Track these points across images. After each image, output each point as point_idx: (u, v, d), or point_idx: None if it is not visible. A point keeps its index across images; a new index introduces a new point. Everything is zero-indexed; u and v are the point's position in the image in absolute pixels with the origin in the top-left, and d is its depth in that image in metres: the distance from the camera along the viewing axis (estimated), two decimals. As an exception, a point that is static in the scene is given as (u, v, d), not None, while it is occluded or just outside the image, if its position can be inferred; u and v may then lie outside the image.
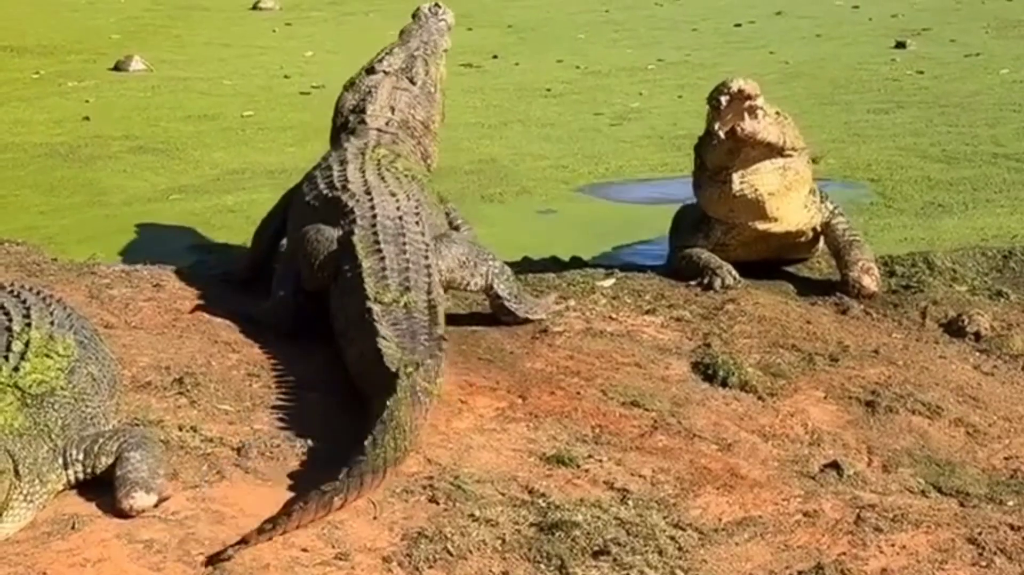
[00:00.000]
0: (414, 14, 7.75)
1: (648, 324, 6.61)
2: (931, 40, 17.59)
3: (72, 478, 4.51)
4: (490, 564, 4.25)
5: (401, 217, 6.26)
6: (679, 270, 7.38)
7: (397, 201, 6.38)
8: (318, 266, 6.21)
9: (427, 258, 6.06)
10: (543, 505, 4.62)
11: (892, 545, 4.50)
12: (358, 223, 6.20)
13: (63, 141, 11.82)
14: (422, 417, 4.99)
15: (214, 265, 7.74)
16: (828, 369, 6.15)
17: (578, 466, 4.96)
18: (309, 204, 6.67)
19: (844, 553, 4.45)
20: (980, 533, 4.57)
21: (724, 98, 6.92)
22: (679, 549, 4.40)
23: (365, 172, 6.63)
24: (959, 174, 10.35)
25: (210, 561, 4.13)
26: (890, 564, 4.39)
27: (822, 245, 7.59)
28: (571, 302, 6.80)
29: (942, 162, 10.78)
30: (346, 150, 6.96)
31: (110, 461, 4.50)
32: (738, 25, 19.47)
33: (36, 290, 5.29)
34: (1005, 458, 5.47)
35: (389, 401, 4.84)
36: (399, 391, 4.91)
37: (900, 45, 16.94)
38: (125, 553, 4.16)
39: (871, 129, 12.19)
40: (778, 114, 7.17)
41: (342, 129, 7.32)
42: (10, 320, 4.87)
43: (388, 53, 7.54)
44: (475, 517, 4.48)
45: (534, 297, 6.66)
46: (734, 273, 7.16)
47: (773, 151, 7.11)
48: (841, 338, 6.55)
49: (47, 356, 4.75)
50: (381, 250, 6.02)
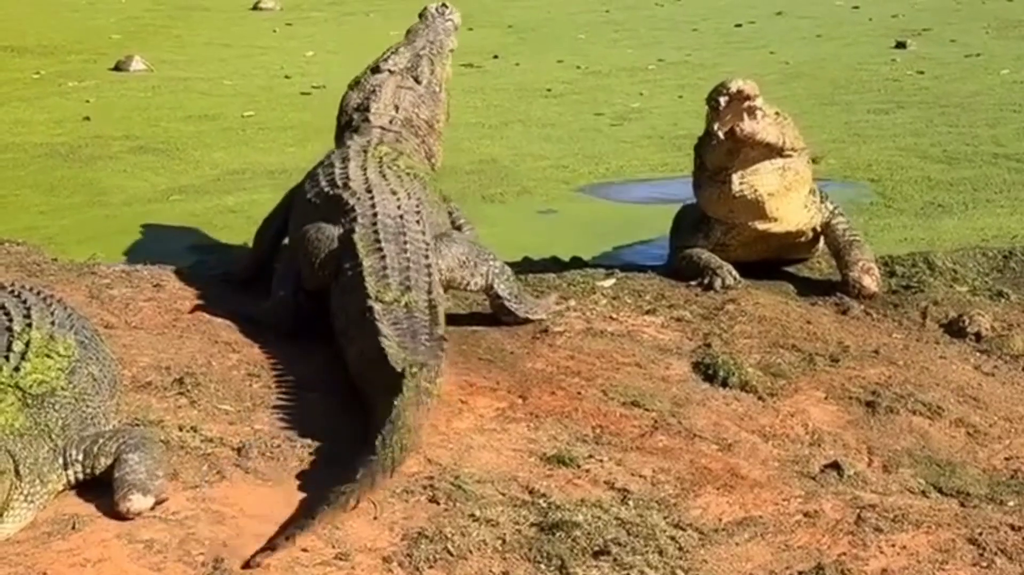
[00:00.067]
0: (421, 14, 7.75)
1: (648, 324, 6.60)
2: (931, 40, 17.58)
3: (72, 478, 4.51)
4: (490, 564, 4.25)
5: (402, 216, 6.24)
6: (679, 270, 7.38)
7: (398, 199, 6.36)
8: (319, 264, 6.20)
9: (427, 257, 6.05)
10: (543, 505, 4.62)
11: (892, 545, 4.50)
12: (359, 221, 6.19)
13: (63, 141, 11.81)
14: (424, 418, 4.99)
15: (214, 265, 7.73)
16: (828, 369, 6.15)
17: (578, 466, 4.96)
18: (310, 202, 6.66)
19: (844, 553, 4.44)
20: (981, 533, 4.57)
21: (723, 99, 6.92)
22: (679, 549, 4.40)
23: (366, 170, 6.62)
24: (959, 174, 10.34)
25: (246, 565, 4.14)
26: (890, 564, 4.39)
27: (822, 245, 7.59)
28: (571, 302, 6.79)
29: (942, 162, 10.77)
30: (348, 148, 6.95)
31: (109, 462, 4.49)
32: (738, 25, 19.47)
33: (37, 290, 5.28)
34: (1006, 458, 5.47)
35: (397, 401, 4.84)
36: (406, 391, 4.90)
37: (900, 45, 16.93)
38: (125, 553, 4.16)
39: (871, 129, 12.19)
40: (777, 114, 7.17)
41: (346, 127, 7.31)
42: (11, 320, 4.87)
43: (394, 52, 7.54)
44: (475, 517, 4.47)
45: (534, 297, 6.65)
46: (734, 273, 7.16)
47: (772, 151, 7.11)
48: (841, 338, 6.54)
49: (48, 356, 4.75)
50: (382, 248, 6.00)
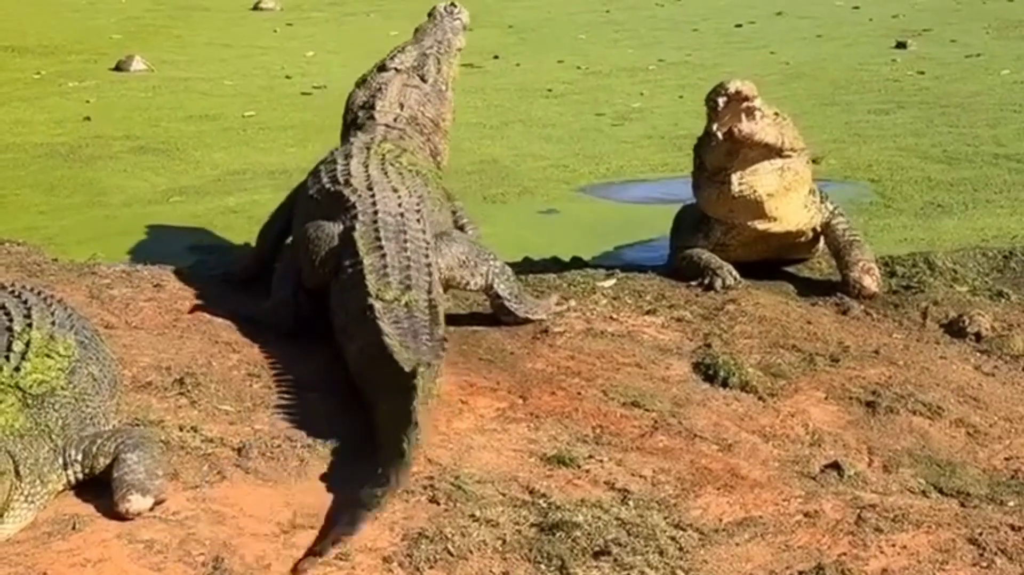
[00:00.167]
0: (430, 13, 7.75)
1: (649, 324, 6.60)
2: (932, 41, 17.58)
3: (71, 478, 4.51)
4: (490, 564, 4.25)
5: (403, 214, 6.24)
6: (680, 270, 7.38)
7: (399, 197, 6.36)
8: (319, 262, 6.19)
9: (428, 256, 6.05)
10: (544, 505, 4.62)
11: (893, 545, 4.50)
12: (359, 219, 6.18)
13: (64, 141, 11.82)
14: (428, 418, 4.99)
15: (214, 265, 7.73)
16: (829, 369, 6.15)
17: (579, 466, 4.96)
18: (312, 198, 6.66)
19: (845, 553, 4.44)
20: (981, 533, 4.56)
21: (722, 99, 6.92)
22: (680, 549, 4.40)
23: (368, 167, 6.62)
24: (960, 174, 10.34)
25: (294, 570, 4.15)
26: (891, 564, 4.39)
27: (822, 245, 7.59)
28: (572, 302, 6.79)
29: (943, 163, 10.77)
30: (352, 144, 6.96)
31: (108, 462, 4.49)
32: (739, 26, 19.47)
33: (37, 290, 5.28)
34: (1006, 458, 5.47)
35: (414, 402, 4.80)
36: (420, 392, 4.88)
37: (901, 46, 16.93)
38: (125, 553, 4.16)
39: (872, 129, 12.18)
40: (777, 115, 7.17)
41: (351, 125, 7.31)
42: (11, 320, 4.87)
43: (401, 51, 7.55)
44: (476, 517, 4.47)
45: (535, 297, 6.65)
46: (734, 273, 7.16)
47: (772, 152, 7.11)
48: (842, 338, 6.54)
49: (48, 356, 4.75)
50: (382, 247, 6.00)
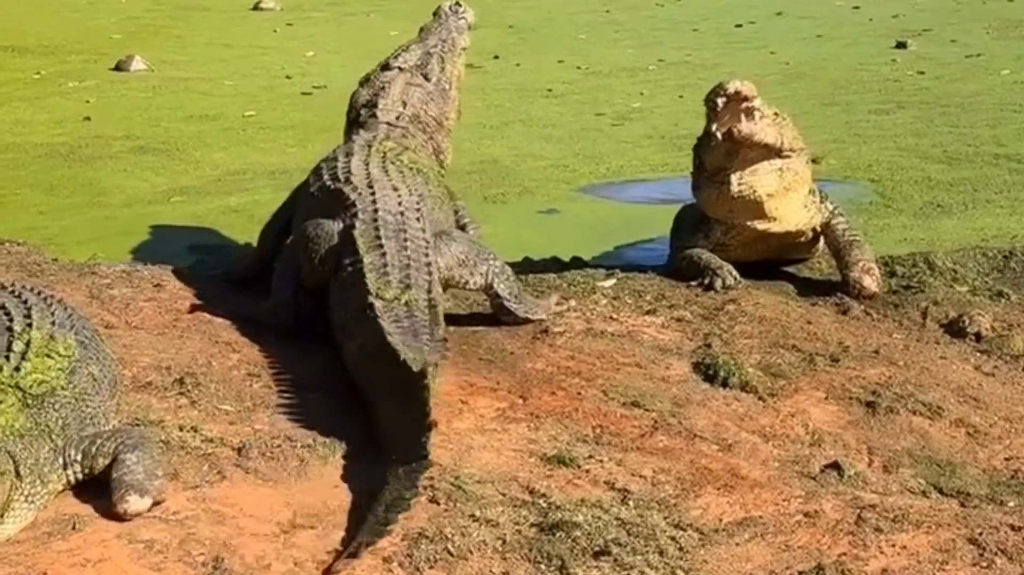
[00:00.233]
0: (435, 12, 7.76)
1: (649, 324, 6.60)
2: (932, 41, 17.58)
3: (71, 478, 4.50)
4: (490, 564, 4.25)
5: (403, 212, 6.23)
6: (680, 270, 7.38)
7: (399, 195, 6.36)
8: (319, 260, 6.19)
9: (427, 255, 6.05)
10: (544, 505, 4.61)
11: (893, 545, 4.50)
12: (359, 217, 6.18)
13: (64, 141, 11.82)
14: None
15: (214, 265, 7.73)
16: (829, 369, 6.15)
17: (579, 466, 4.96)
18: (313, 196, 6.67)
19: (845, 553, 4.44)
20: (981, 534, 4.56)
21: (721, 100, 6.91)
22: (680, 549, 4.40)
23: (369, 164, 6.62)
24: (960, 174, 10.34)
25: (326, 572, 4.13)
26: (891, 564, 4.39)
27: (822, 245, 7.59)
28: (572, 302, 6.79)
29: (943, 163, 10.77)
30: (353, 142, 6.97)
31: (107, 462, 4.49)
32: (739, 26, 19.47)
33: (37, 290, 5.28)
34: (1006, 459, 5.47)
35: (430, 402, 4.78)
36: (431, 392, 4.85)
37: (901, 46, 16.93)
38: (126, 553, 4.16)
39: (872, 129, 12.18)
40: (776, 115, 7.16)
41: (354, 124, 7.32)
42: (11, 320, 4.87)
43: (405, 50, 7.55)
44: (476, 517, 4.47)
45: (535, 297, 6.65)
46: (735, 273, 7.16)
47: (771, 152, 7.11)
48: (842, 338, 6.54)
49: (48, 356, 4.75)
50: (382, 245, 5.99)
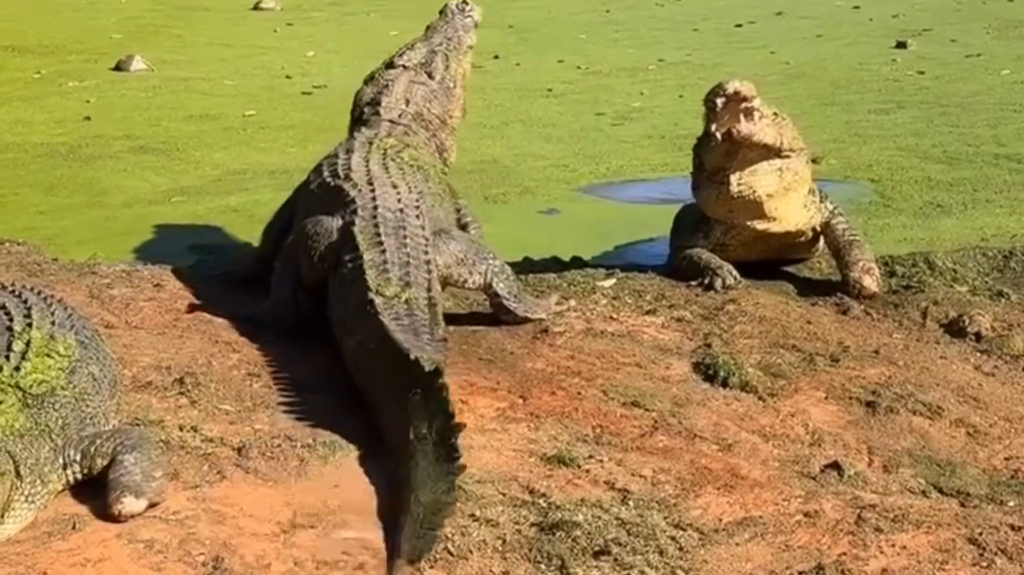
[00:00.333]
0: (442, 10, 7.76)
1: (649, 324, 6.60)
2: (932, 40, 17.58)
3: (71, 478, 4.50)
4: (491, 564, 4.25)
5: (402, 209, 6.23)
6: (680, 270, 7.38)
7: (398, 193, 6.36)
8: (318, 257, 6.18)
9: (427, 253, 6.05)
10: (544, 505, 4.61)
11: (893, 545, 4.50)
12: (359, 214, 6.18)
13: (64, 141, 11.82)
14: None
15: (215, 265, 7.73)
16: (829, 369, 6.15)
17: (579, 466, 4.96)
18: (313, 192, 6.68)
19: (845, 553, 4.44)
20: (981, 533, 4.56)
21: (720, 100, 6.91)
22: (680, 549, 4.40)
23: (369, 161, 6.62)
24: (960, 174, 10.34)
25: None
26: (891, 564, 4.39)
27: (822, 245, 7.59)
28: (572, 302, 6.79)
29: (943, 162, 10.77)
30: (355, 139, 6.98)
31: (106, 462, 4.48)
32: (739, 25, 19.47)
33: (37, 290, 5.28)
34: (1006, 458, 5.47)
35: (450, 401, 4.75)
36: (447, 390, 4.83)
37: (901, 45, 16.93)
38: (125, 553, 4.16)
39: (872, 129, 12.18)
40: (776, 115, 7.16)
41: (357, 122, 7.33)
42: (11, 320, 4.87)
43: (409, 48, 7.56)
44: (476, 517, 4.47)
45: (535, 297, 6.65)
46: (735, 273, 7.16)
47: (771, 152, 7.10)
48: (842, 338, 6.54)
49: (48, 356, 4.75)
50: (382, 242, 5.99)
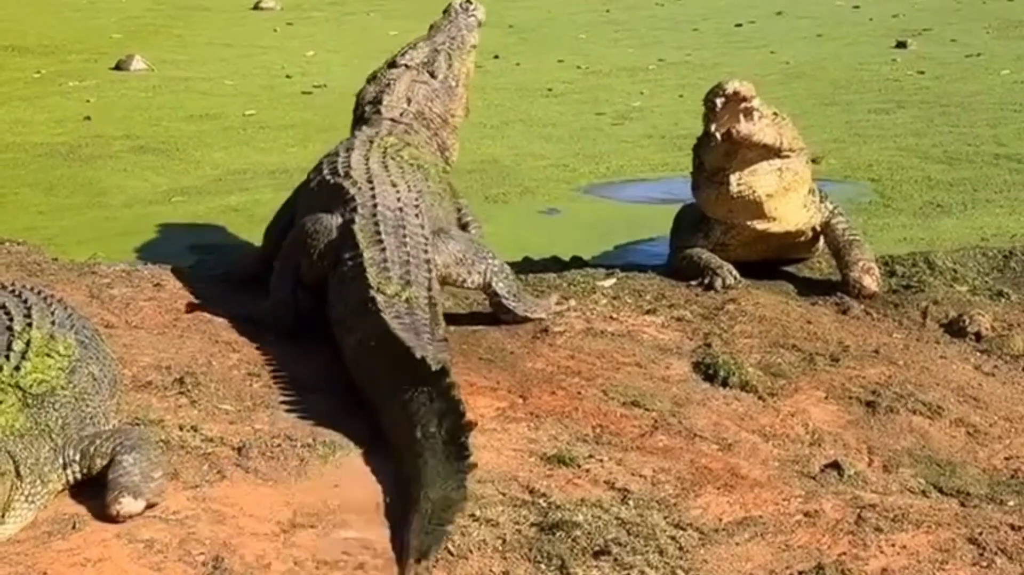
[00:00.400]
0: (445, 9, 7.76)
1: (649, 324, 6.60)
2: (932, 40, 17.58)
3: (70, 478, 4.50)
4: (491, 564, 4.25)
5: (401, 208, 6.23)
6: (680, 270, 7.38)
7: (398, 191, 6.36)
8: (318, 255, 6.18)
9: (427, 252, 6.05)
10: (544, 505, 4.62)
11: (893, 545, 4.50)
12: (359, 212, 6.18)
13: (64, 141, 11.81)
14: None
15: (215, 265, 7.73)
16: (829, 369, 6.15)
17: (579, 466, 4.96)
18: (313, 190, 6.69)
19: (845, 553, 4.44)
20: (981, 533, 4.56)
21: (719, 100, 6.91)
22: (680, 549, 4.40)
23: (369, 160, 6.63)
24: (960, 174, 10.33)
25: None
26: (891, 564, 4.39)
27: (822, 245, 7.59)
28: (572, 302, 6.79)
29: (943, 162, 10.77)
30: (355, 138, 7.00)
31: (105, 462, 4.48)
32: (739, 25, 19.47)
33: (37, 290, 5.29)
34: (1006, 458, 5.47)
35: (461, 399, 4.76)
36: (456, 389, 4.83)
37: (901, 45, 16.93)
38: (125, 553, 4.16)
39: (872, 129, 12.18)
40: (775, 115, 7.15)
41: (359, 120, 7.34)
42: (11, 320, 4.87)
43: (412, 47, 7.57)
44: (476, 517, 4.47)
45: (535, 297, 6.65)
46: (735, 273, 7.16)
47: (770, 152, 7.10)
48: (842, 338, 6.54)
49: (48, 355, 4.75)
50: (382, 241, 5.99)
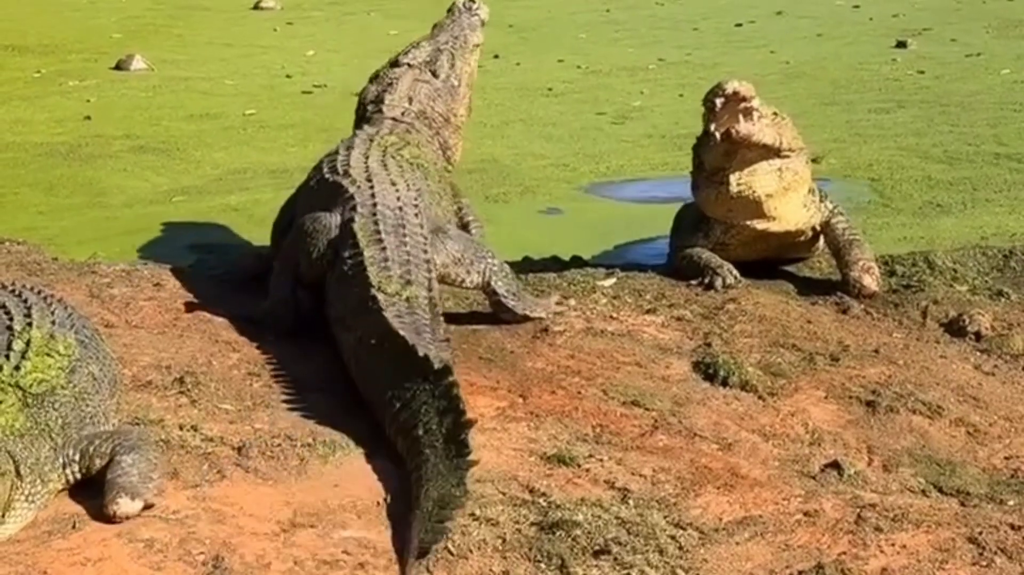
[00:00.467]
0: (449, 8, 7.76)
1: (649, 323, 6.60)
2: (932, 40, 17.56)
3: (70, 478, 4.51)
4: (491, 563, 4.25)
5: (401, 207, 6.23)
6: (680, 269, 7.38)
7: (397, 190, 6.36)
8: (317, 254, 6.18)
9: (426, 252, 6.05)
10: (544, 504, 4.62)
11: (892, 545, 4.50)
12: (358, 210, 6.18)
13: (64, 140, 11.80)
14: None
15: (215, 265, 7.73)
16: (829, 369, 6.15)
17: (579, 465, 4.96)
18: (313, 189, 6.69)
19: (844, 553, 4.45)
20: (980, 533, 4.57)
21: (719, 100, 6.91)
22: (680, 548, 4.40)
23: (368, 158, 6.63)
24: (960, 174, 10.33)
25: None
26: (890, 564, 4.39)
27: (822, 244, 7.59)
28: (572, 301, 6.79)
29: (943, 162, 10.76)
30: (356, 136, 7.00)
31: (104, 463, 4.48)
32: (739, 25, 19.45)
33: (37, 289, 5.29)
34: (1005, 458, 5.47)
35: (462, 400, 4.78)
36: (457, 388, 4.84)
37: (901, 45, 16.91)
38: (125, 552, 4.17)
39: (872, 129, 12.17)
40: (775, 115, 7.16)
41: (361, 119, 7.36)
42: (11, 319, 4.87)
43: (415, 47, 7.57)
44: (476, 516, 4.47)
45: (535, 296, 6.65)
46: (735, 272, 7.16)
47: (770, 152, 7.10)
48: (842, 338, 6.54)
49: (48, 355, 4.75)
50: (383, 239, 5.99)
